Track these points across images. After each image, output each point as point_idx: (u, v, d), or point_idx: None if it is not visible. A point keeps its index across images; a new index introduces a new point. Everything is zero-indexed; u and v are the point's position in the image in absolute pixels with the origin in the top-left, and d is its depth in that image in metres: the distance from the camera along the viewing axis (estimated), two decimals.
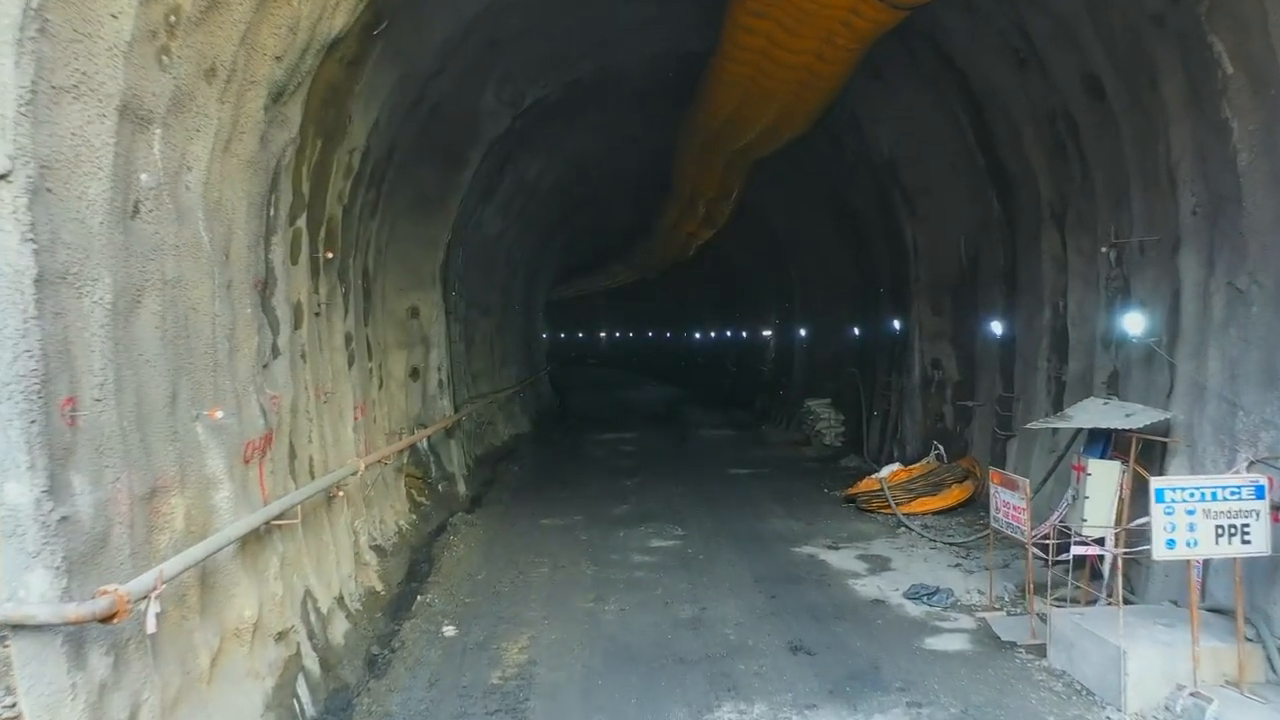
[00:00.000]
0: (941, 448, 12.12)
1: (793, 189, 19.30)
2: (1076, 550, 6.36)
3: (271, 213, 6.49)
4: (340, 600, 7.37)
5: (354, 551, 8.30)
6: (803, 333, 21.04)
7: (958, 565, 8.76)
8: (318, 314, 7.99)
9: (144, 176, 4.47)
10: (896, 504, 10.97)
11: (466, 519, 11.41)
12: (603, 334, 62.09)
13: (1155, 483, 5.59)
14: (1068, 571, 6.88)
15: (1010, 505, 7.13)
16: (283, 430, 6.64)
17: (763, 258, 24.02)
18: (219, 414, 5.19)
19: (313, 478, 7.41)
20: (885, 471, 12.07)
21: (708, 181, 17.37)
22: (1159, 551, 5.55)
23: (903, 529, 10.34)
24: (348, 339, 9.31)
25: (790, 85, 10.54)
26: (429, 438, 12.79)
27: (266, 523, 5.70)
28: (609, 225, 28.50)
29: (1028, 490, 6.97)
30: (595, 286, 40.97)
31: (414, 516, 11.72)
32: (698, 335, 37.12)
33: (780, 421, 21.37)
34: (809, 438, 18.39)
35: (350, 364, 9.48)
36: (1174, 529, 5.49)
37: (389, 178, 11.02)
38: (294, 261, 7.42)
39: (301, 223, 7.49)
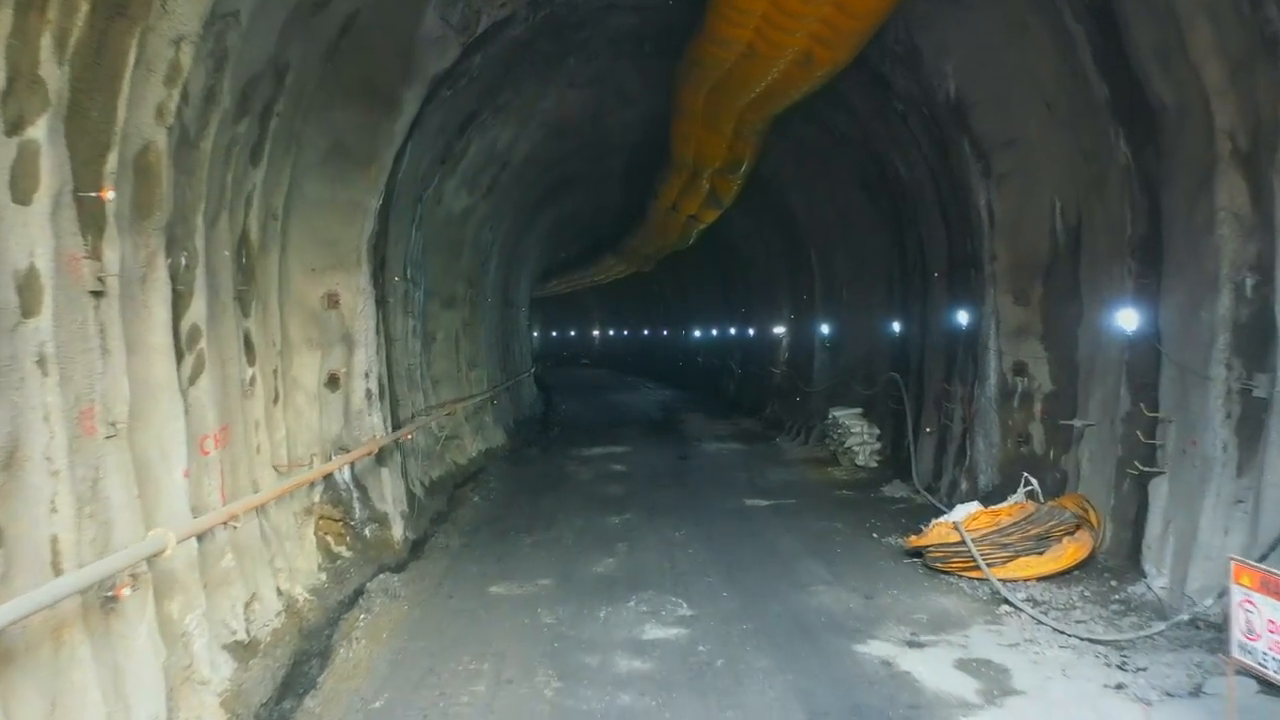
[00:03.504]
0: (1035, 482, 8.99)
1: (815, 156, 16.16)
2: None
3: None
4: None
5: (165, 673, 5.16)
6: (825, 329, 17.91)
7: (1121, 688, 5.62)
8: (98, 293, 4.86)
9: None
10: (989, 565, 7.86)
11: (392, 584, 8.27)
12: (596, 332, 58.94)
13: None
14: None
15: None
16: None
17: (776, 242, 20.89)
18: None
19: (57, 572, 4.29)
20: (960, 513, 8.95)
21: (713, 148, 14.29)
22: None
23: (1007, 607, 7.21)
24: (183, 336, 6.17)
25: None
26: (352, 466, 9.66)
27: None
28: (599, 209, 25.38)
29: None
30: (587, 281, 37.85)
31: (323, 577, 8.63)
32: (698, 333, 33.98)
33: (797, 433, 18.24)
34: (835, 455, 15.27)
35: (196, 373, 6.35)
36: None
37: (280, 112, 7.88)
38: (21, 199, 4.30)
39: (38, 131, 4.35)
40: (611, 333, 55.78)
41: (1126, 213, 8.10)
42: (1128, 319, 7.96)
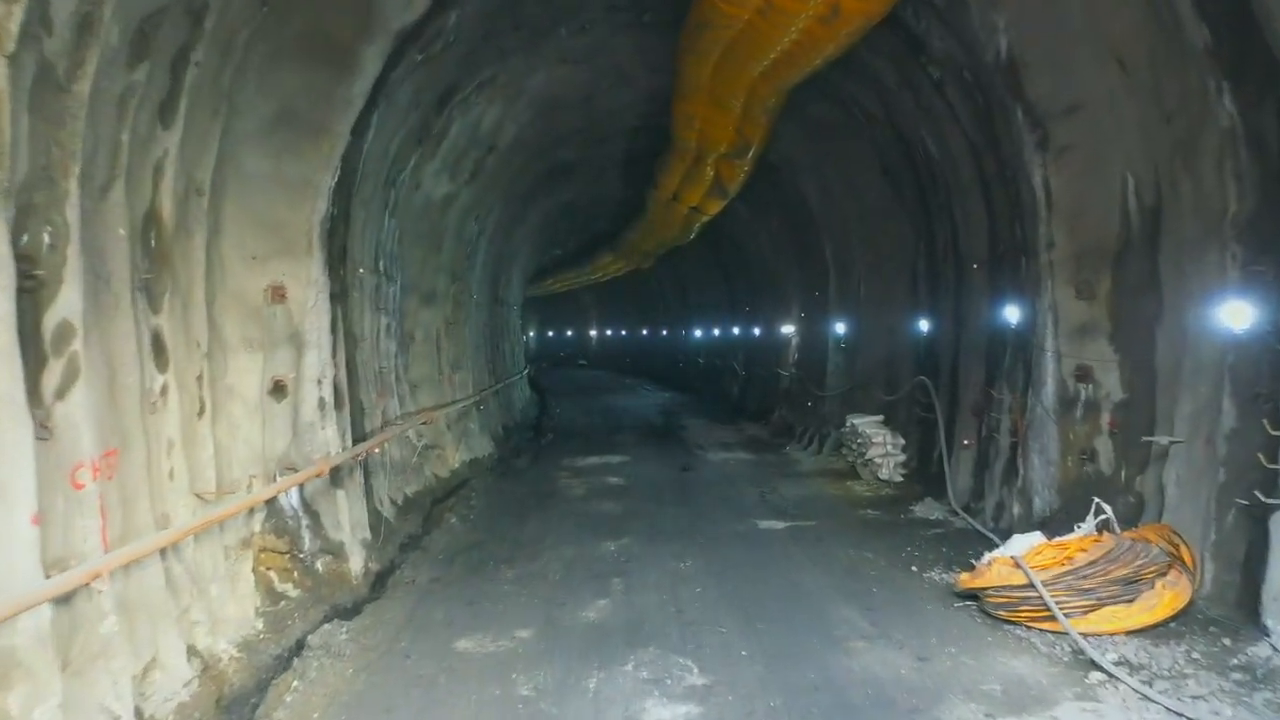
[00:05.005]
0: (1108, 509, 7.54)
1: (831, 138, 14.73)
2: None
3: None
4: None
5: None
6: (839, 328, 16.47)
7: None
8: None
9: None
10: (1067, 615, 6.42)
11: (337, 638, 6.80)
12: (593, 332, 57.48)
13: None
14: None
15: None
16: None
17: (785, 235, 19.44)
18: None
19: None
20: (1019, 545, 7.51)
21: (720, 129, 12.88)
22: None
23: (1098, 674, 5.76)
24: (45, 335, 4.74)
25: None
26: (301, 488, 8.22)
27: None
28: (595, 201, 23.94)
29: None
30: (584, 279, 36.43)
31: (259, 625, 7.23)
32: (699, 333, 32.53)
33: (808, 441, 16.81)
34: (854, 467, 13.84)
35: (66, 383, 4.91)
36: None
37: (201, 63, 6.46)
38: None
39: None
40: (609, 332, 54.33)
41: (1229, 186, 6.66)
42: (1236, 315, 6.52)
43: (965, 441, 10.86)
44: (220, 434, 7.45)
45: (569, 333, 60.07)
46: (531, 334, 55.41)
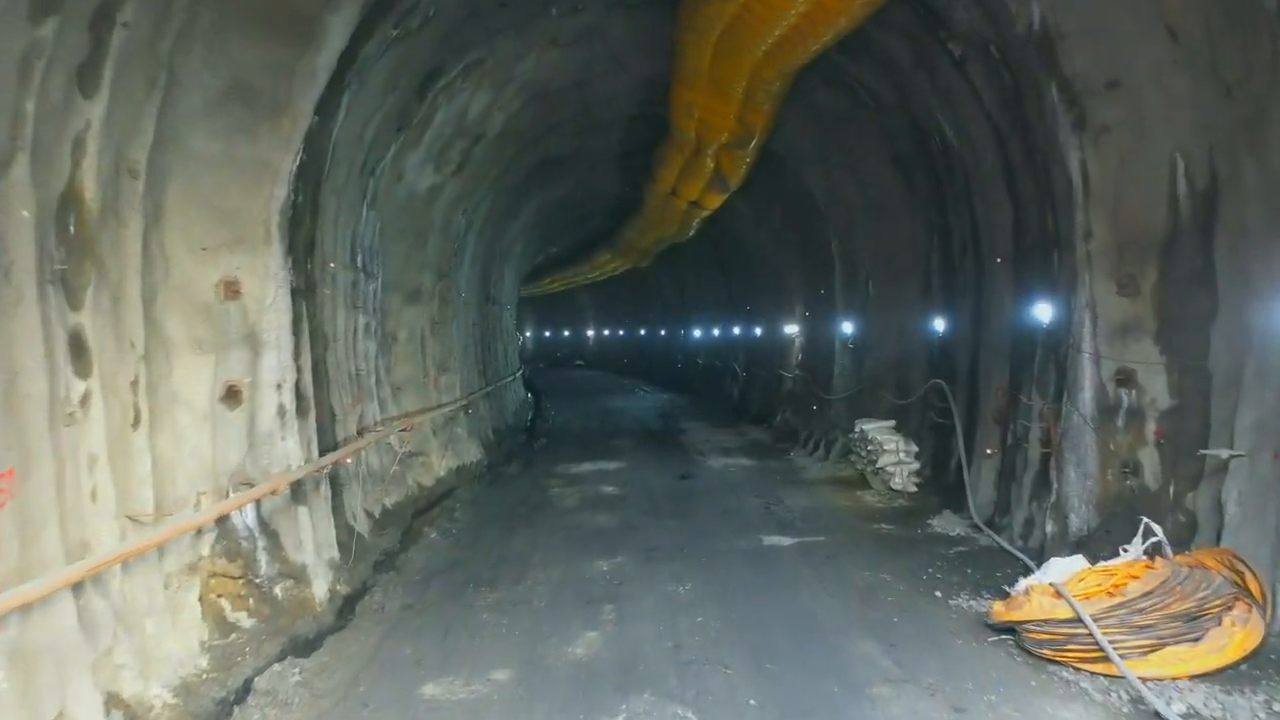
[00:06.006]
0: (1159, 530, 6.72)
1: (838, 127, 13.93)
2: None
3: None
4: None
5: None
6: (847, 328, 15.64)
7: None
8: None
9: None
10: (1122, 656, 5.60)
11: (287, 683, 5.97)
12: (590, 332, 56.65)
13: None
14: None
15: None
16: None
17: (789, 231, 18.61)
18: None
19: None
20: (1059, 570, 6.70)
21: (721, 117, 12.10)
22: None
23: None
24: None
25: None
26: (257, 506, 7.40)
27: None
28: (591, 196, 23.14)
29: None
30: (580, 277, 35.62)
31: (204, 662, 6.42)
32: (698, 333, 31.70)
33: (814, 447, 15.99)
34: (863, 475, 13.02)
35: None
36: None
37: (131, 24, 5.65)
38: None
39: None
40: (607, 332, 53.50)
41: None
42: None
43: (988, 450, 10.03)
44: (162, 446, 6.61)
45: (566, 333, 59.27)
46: (528, 334, 54.62)
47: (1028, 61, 8.08)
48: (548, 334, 59.38)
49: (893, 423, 13.14)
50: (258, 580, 7.36)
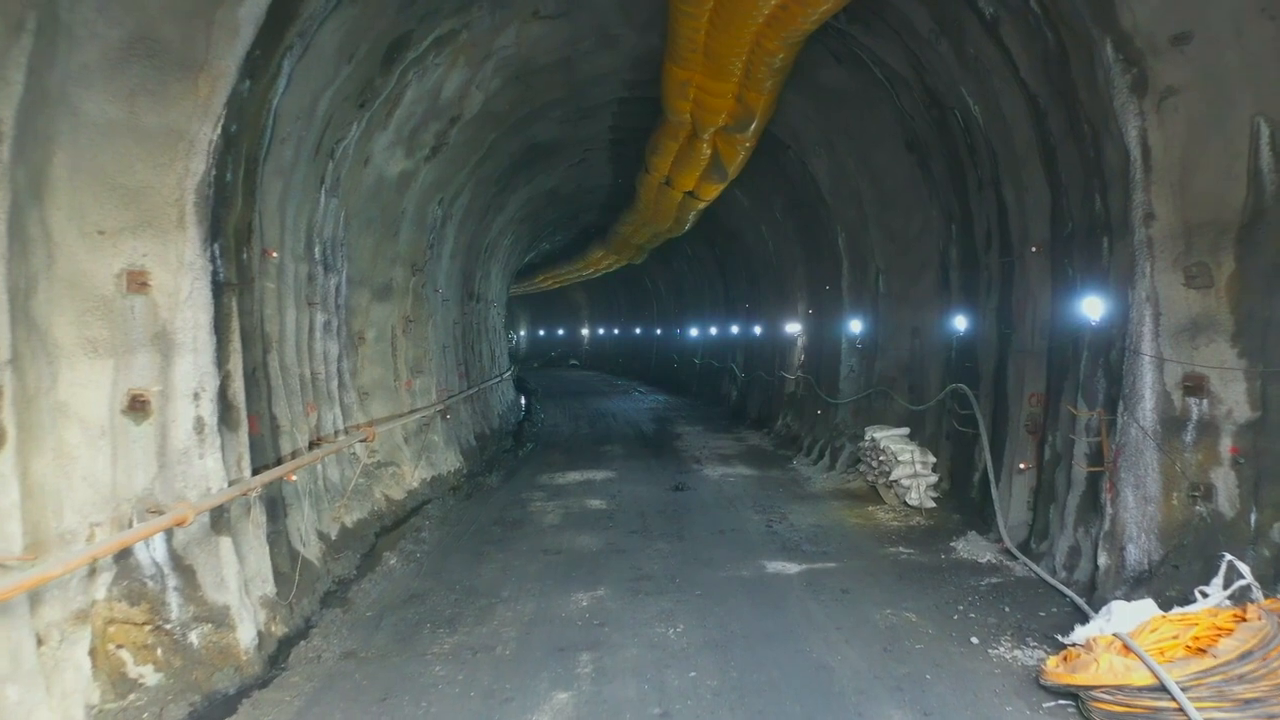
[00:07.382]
0: (1245, 570, 5.56)
1: (845, 109, 12.78)
2: None
3: None
4: None
5: None
6: (855, 327, 14.48)
7: None
8: None
9: None
10: None
11: None
12: (585, 331, 55.49)
13: None
14: None
15: None
16: None
17: (791, 223, 17.43)
18: None
19: None
20: (1125, 618, 5.56)
21: (719, 96, 11.01)
22: None
23: None
24: None
25: None
26: (168, 537, 6.23)
27: None
28: (582, 188, 21.98)
29: None
30: (574, 275, 34.48)
31: None
32: (695, 332, 30.54)
33: (818, 454, 14.84)
34: (875, 489, 11.87)
35: None
36: None
37: None
38: None
39: None
40: (602, 331, 52.33)
41: None
42: None
43: (1021, 465, 8.87)
44: (40, 470, 5.45)
45: (560, 332, 58.13)
46: (521, 333, 53.52)
47: (1077, 15, 6.92)
48: (541, 333, 58.24)
49: (906, 430, 12.00)
50: (168, 626, 6.21)
